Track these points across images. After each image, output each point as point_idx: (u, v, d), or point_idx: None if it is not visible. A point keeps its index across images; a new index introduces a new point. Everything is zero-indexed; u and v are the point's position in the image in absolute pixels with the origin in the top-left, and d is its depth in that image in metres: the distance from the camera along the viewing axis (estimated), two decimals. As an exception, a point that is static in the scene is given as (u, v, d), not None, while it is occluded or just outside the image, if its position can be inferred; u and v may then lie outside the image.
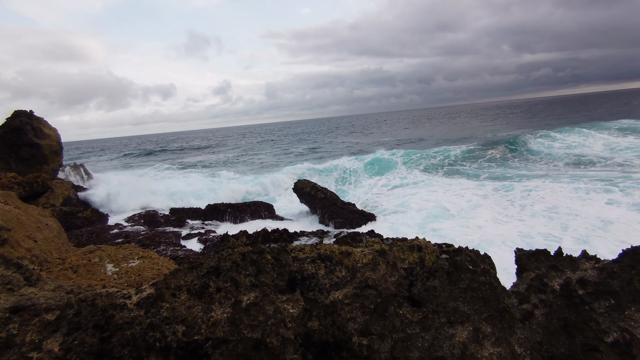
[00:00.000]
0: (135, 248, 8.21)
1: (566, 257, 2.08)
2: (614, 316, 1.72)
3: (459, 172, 20.58)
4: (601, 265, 1.93)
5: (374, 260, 2.36)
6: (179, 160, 42.15)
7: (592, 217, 10.38)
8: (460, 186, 16.38)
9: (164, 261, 7.81)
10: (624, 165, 18.11)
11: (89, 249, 8.03)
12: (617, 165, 18.30)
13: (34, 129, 15.28)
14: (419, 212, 12.91)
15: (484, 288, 1.93)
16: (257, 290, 2.37)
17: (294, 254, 3.41)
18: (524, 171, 19.38)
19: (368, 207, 15.21)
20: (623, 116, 45.58)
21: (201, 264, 2.95)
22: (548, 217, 10.83)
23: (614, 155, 20.96)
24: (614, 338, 1.61)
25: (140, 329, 2.12)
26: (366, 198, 16.80)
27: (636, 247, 1.85)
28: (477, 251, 2.17)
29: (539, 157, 23.05)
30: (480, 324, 1.85)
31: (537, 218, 10.98)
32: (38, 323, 2.24)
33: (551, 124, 43.43)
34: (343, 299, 2.22)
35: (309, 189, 15.94)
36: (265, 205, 15.56)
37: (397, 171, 21.43)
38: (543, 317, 1.82)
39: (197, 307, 2.43)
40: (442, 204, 13.40)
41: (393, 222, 12.19)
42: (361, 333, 2.04)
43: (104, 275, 6.56)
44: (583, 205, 11.57)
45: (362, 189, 18.66)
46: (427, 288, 2.12)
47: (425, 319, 1.91)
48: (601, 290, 1.77)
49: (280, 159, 35.57)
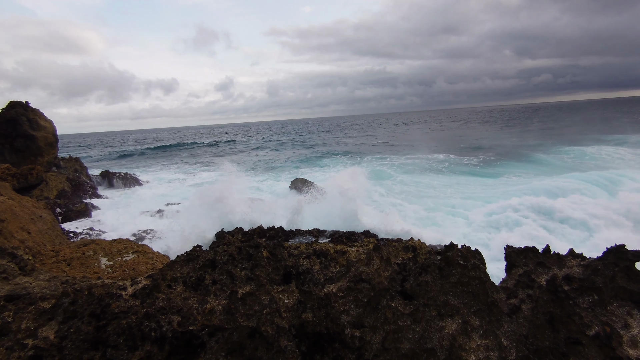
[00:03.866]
0: (130, 242, 8.18)
1: (554, 254, 2.14)
2: (597, 311, 1.78)
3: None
4: (586, 263, 2.00)
5: (369, 255, 2.41)
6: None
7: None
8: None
9: (158, 256, 7.80)
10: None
11: (83, 242, 7.98)
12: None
13: (30, 121, 15.14)
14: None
15: (473, 283, 1.98)
16: (253, 283, 2.41)
17: (290, 250, 3.46)
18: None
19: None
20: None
21: (197, 257, 2.98)
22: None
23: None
24: (596, 331, 1.68)
25: (136, 319, 2.15)
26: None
27: (619, 246, 1.91)
28: (468, 247, 2.23)
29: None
30: (469, 317, 1.90)
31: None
32: (34, 311, 2.26)
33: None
34: (337, 292, 2.26)
35: (305, 187, 16.17)
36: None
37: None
38: (529, 312, 1.88)
39: (192, 299, 2.46)
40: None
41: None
42: (354, 325, 2.09)
43: (97, 269, 6.54)
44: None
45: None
46: (420, 283, 2.17)
47: (417, 312, 1.96)
48: (585, 286, 1.84)
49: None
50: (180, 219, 13.49)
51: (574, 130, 43.78)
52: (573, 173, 18.00)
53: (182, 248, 10.50)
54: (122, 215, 13.67)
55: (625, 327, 1.69)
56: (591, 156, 22.12)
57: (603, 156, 21.40)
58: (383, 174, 21.67)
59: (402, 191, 17.36)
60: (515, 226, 10.66)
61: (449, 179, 19.97)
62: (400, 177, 20.65)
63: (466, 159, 26.43)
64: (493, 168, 22.14)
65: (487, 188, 17.03)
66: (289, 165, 30.03)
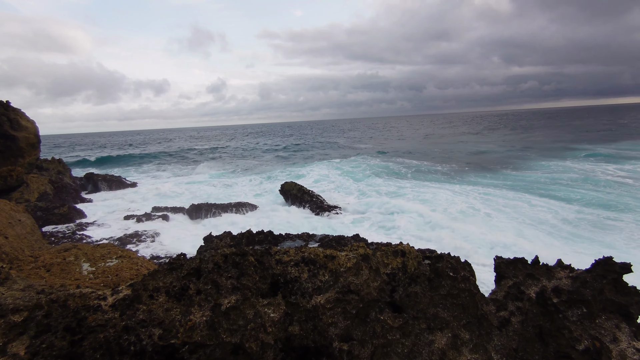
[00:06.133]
0: (114, 247, 7.95)
1: (542, 265, 2.14)
2: (586, 324, 1.77)
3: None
4: (575, 275, 1.99)
5: (357, 265, 2.36)
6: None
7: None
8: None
9: (143, 261, 7.58)
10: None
11: (64, 246, 7.72)
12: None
13: (10, 120, 14.67)
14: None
15: (463, 295, 1.96)
16: (239, 293, 2.33)
17: (278, 256, 3.38)
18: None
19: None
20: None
21: (182, 265, 2.88)
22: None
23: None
24: (585, 346, 1.66)
25: (114, 332, 2.04)
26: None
27: (607, 258, 1.92)
28: (457, 258, 2.21)
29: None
30: (459, 330, 1.87)
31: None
32: (3, 325, 2.13)
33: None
34: (325, 303, 2.20)
35: (295, 191, 16.05)
36: (250, 205, 15.47)
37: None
38: (519, 325, 1.86)
39: (175, 310, 2.36)
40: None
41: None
42: (342, 338, 2.03)
43: (79, 275, 6.31)
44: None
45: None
46: (409, 294, 2.13)
47: (406, 325, 1.92)
48: (574, 298, 1.83)
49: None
50: (167, 223, 13.23)
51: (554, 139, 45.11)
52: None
53: (168, 253, 10.28)
54: (106, 219, 13.33)
55: (614, 340, 1.68)
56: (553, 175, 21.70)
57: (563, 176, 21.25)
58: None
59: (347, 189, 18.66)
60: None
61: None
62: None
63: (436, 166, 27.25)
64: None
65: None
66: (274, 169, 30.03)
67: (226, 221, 13.78)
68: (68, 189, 16.59)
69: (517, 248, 9.52)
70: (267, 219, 14.47)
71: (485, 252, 9.60)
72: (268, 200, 17.85)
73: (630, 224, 11.30)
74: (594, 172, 20.75)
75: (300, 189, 16.34)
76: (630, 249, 9.48)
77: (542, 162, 25.33)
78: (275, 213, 15.42)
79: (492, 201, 14.90)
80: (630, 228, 10.98)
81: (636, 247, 9.59)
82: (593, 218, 12.06)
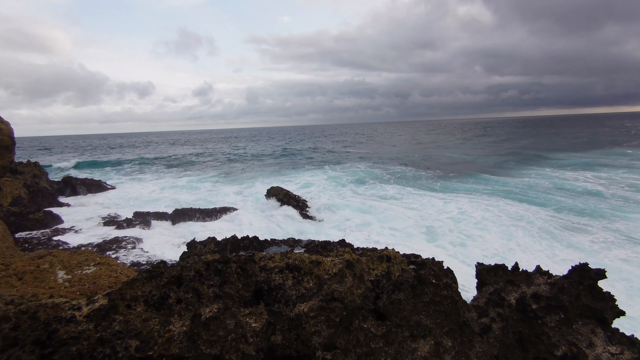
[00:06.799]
0: (92, 254, 7.67)
1: (522, 272, 2.18)
2: (564, 330, 1.81)
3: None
4: (553, 281, 2.04)
5: (341, 272, 2.35)
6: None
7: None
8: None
9: (123, 268, 7.34)
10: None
11: (39, 253, 7.39)
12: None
13: (-17, 121, 14.04)
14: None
15: (445, 302, 1.97)
16: (220, 302, 2.28)
17: (263, 262, 3.33)
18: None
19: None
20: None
21: (162, 273, 2.79)
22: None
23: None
24: (563, 351, 1.70)
25: (87, 344, 1.95)
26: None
27: (583, 264, 1.97)
28: (440, 264, 2.23)
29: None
30: (441, 337, 1.88)
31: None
32: (-33, 338, 2.01)
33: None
34: (308, 312, 2.18)
35: (281, 196, 15.98)
36: (235, 210, 15.25)
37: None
38: (500, 331, 1.88)
39: (154, 320, 2.28)
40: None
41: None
42: (325, 347, 2.01)
43: (53, 283, 6.04)
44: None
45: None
46: (392, 301, 2.13)
47: (389, 333, 1.91)
48: (552, 304, 1.87)
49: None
50: (150, 229, 12.89)
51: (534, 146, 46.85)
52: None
53: (149, 260, 9.98)
54: (85, 224, 12.87)
55: (590, 345, 1.73)
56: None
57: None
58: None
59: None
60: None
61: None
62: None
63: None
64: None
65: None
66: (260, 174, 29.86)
67: (210, 227, 13.54)
68: (44, 193, 15.97)
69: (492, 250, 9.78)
70: (253, 224, 14.30)
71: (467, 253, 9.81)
72: (253, 205, 17.65)
73: (597, 227, 11.88)
74: (567, 179, 21.58)
75: (287, 193, 16.26)
76: (595, 251, 9.91)
77: (521, 170, 26.18)
78: (260, 218, 15.27)
79: (474, 205, 15.24)
80: (596, 231, 11.56)
81: (602, 249, 10.06)
82: (564, 222, 12.57)
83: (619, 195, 16.56)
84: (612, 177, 21.45)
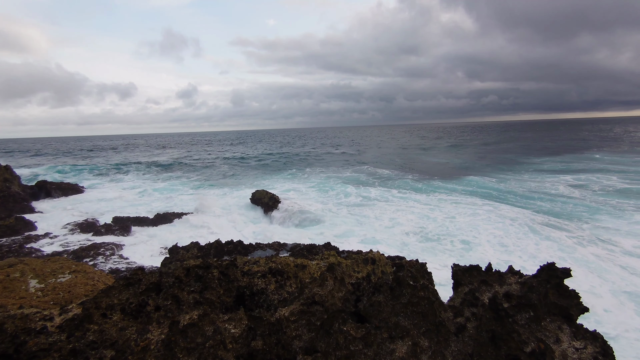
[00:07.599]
0: (67, 261, 7.39)
1: (495, 272, 2.27)
2: (533, 327, 1.89)
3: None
4: (523, 280, 2.13)
5: (322, 275, 2.37)
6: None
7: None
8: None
9: (100, 276, 7.10)
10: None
11: (9, 262, 7.07)
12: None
13: (-51, 123, 13.33)
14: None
15: (423, 303, 2.02)
16: (201, 308, 2.25)
17: (247, 267, 3.30)
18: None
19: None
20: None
21: (140, 280, 2.73)
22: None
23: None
24: (532, 348, 1.77)
25: (59, 356, 1.89)
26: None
27: (550, 264, 2.07)
28: (418, 266, 2.28)
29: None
30: (418, 338, 1.93)
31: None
32: None
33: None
34: (289, 316, 2.18)
35: (267, 199, 15.87)
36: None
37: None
38: (474, 330, 1.95)
39: (131, 329, 2.23)
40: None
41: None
42: (306, 351, 2.02)
43: (24, 293, 5.79)
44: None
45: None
46: (372, 303, 2.17)
47: (368, 335, 1.94)
48: (522, 303, 1.95)
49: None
50: (129, 234, 12.54)
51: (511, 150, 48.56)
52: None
53: (129, 266, 9.71)
54: (60, 231, 12.39)
55: (557, 341, 1.81)
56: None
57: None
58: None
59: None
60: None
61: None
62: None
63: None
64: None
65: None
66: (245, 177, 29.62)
67: (194, 232, 13.30)
68: (16, 198, 15.30)
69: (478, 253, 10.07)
70: (237, 228, 14.15)
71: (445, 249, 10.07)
72: (238, 208, 17.45)
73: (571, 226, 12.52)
74: (544, 182, 22.46)
75: (272, 197, 16.18)
76: (570, 247, 10.45)
77: (499, 174, 27.04)
78: (245, 222, 15.12)
79: (458, 208, 15.61)
80: (570, 229, 12.18)
81: (575, 244, 10.69)
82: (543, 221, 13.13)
83: (592, 198, 17.38)
84: (589, 179, 22.52)
